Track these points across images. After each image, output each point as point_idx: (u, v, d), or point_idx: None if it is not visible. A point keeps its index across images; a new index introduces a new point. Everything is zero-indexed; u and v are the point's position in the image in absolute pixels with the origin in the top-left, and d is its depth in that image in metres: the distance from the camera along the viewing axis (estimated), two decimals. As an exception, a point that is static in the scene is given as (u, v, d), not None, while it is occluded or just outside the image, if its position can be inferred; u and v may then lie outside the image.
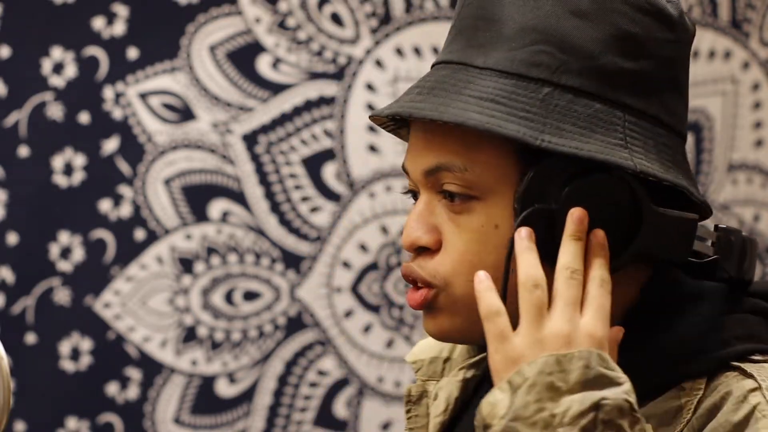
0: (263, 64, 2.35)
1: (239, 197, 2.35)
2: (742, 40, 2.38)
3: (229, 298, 2.36)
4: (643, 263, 0.99)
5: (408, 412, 1.14)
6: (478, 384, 1.11)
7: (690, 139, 2.39)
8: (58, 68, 2.32)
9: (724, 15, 2.37)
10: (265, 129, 2.35)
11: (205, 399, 2.35)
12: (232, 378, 2.35)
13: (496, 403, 0.89)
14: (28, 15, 2.31)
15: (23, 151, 2.32)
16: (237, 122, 2.35)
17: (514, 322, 0.93)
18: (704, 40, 2.37)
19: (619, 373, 0.90)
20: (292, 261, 2.35)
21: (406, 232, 1.01)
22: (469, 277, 0.97)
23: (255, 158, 2.35)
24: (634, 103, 0.97)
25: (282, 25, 2.35)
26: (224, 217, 2.35)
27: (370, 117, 1.06)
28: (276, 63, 2.35)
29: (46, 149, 2.32)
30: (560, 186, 0.95)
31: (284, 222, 2.36)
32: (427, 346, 1.16)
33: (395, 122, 1.08)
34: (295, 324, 2.36)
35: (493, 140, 0.97)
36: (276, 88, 2.35)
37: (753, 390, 0.94)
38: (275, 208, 2.36)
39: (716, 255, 1.00)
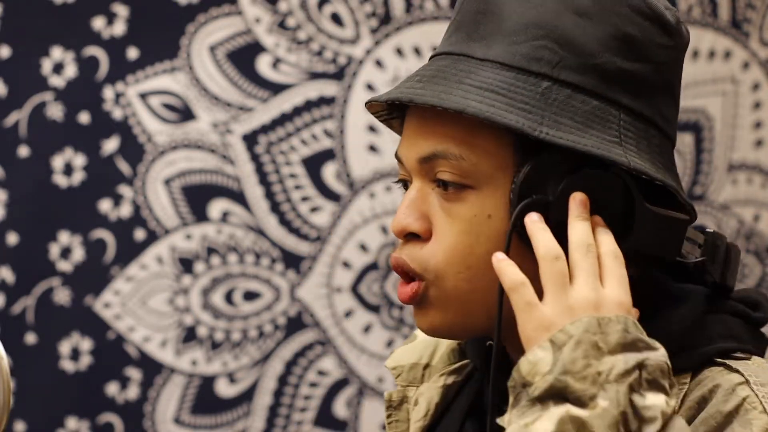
0: (263, 64, 2.35)
1: (239, 197, 2.35)
2: (742, 40, 2.38)
3: (229, 298, 2.36)
4: (630, 264, 0.99)
5: (389, 417, 1.16)
6: (459, 390, 1.12)
7: (690, 139, 2.39)
8: (58, 68, 2.32)
9: (724, 15, 2.37)
10: (265, 129, 2.35)
11: (205, 399, 2.35)
12: (232, 378, 2.35)
13: (537, 362, 0.90)
14: (28, 15, 2.31)
15: (23, 151, 2.32)
16: (237, 122, 2.35)
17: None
18: (704, 40, 2.37)
19: (653, 340, 0.92)
20: (292, 261, 2.35)
21: (396, 219, 1.02)
22: (460, 269, 0.99)
23: (255, 158, 2.35)
24: (629, 104, 0.99)
25: (282, 25, 2.35)
26: (224, 217, 2.35)
27: (367, 103, 1.07)
28: (276, 63, 2.35)
29: (46, 149, 2.32)
30: (557, 178, 0.97)
31: (284, 222, 2.36)
32: (406, 352, 1.17)
33: (389, 111, 1.08)
34: (295, 324, 2.36)
35: (491, 130, 0.98)
36: (276, 88, 2.35)
37: (740, 384, 0.96)
38: (275, 208, 2.36)
39: (703, 257, 1.02)
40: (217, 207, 2.35)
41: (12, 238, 2.31)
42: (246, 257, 2.35)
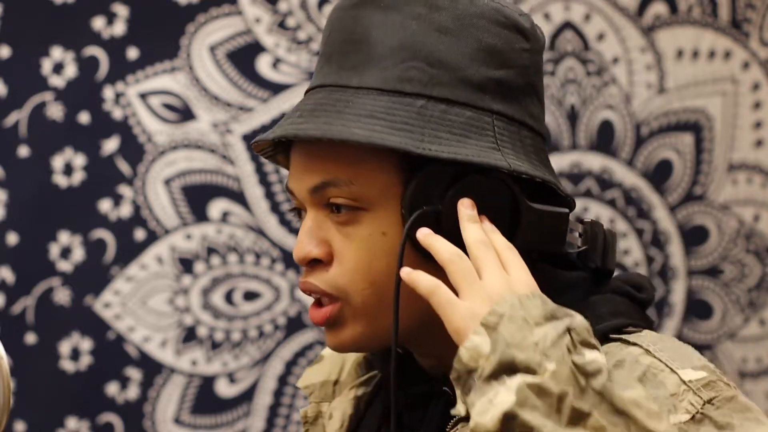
0: (263, 64, 2.35)
1: (239, 197, 2.35)
2: (742, 40, 2.38)
3: (229, 298, 2.36)
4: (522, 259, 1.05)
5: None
6: (369, 400, 1.20)
7: (690, 139, 2.39)
8: (58, 68, 2.32)
9: (724, 15, 2.37)
10: (265, 129, 2.35)
11: (205, 399, 2.35)
12: (232, 378, 2.36)
13: (475, 347, 0.95)
14: (28, 15, 2.31)
15: (23, 151, 2.32)
16: (237, 122, 2.35)
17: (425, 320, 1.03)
18: (704, 40, 2.37)
19: (566, 308, 0.98)
20: (292, 261, 2.35)
21: (297, 247, 1.07)
22: (364, 284, 1.05)
23: (255, 158, 2.35)
24: (501, 109, 1.06)
25: (282, 25, 2.35)
26: (224, 217, 2.35)
27: (252, 144, 1.12)
28: (276, 63, 2.35)
29: (46, 149, 2.32)
30: (443, 189, 1.03)
31: (284, 222, 2.36)
32: (316, 372, 1.25)
33: (274, 147, 1.14)
34: (295, 324, 2.36)
35: (375, 153, 1.04)
36: (276, 88, 2.35)
37: (641, 354, 1.03)
38: (275, 208, 2.36)
39: (585, 246, 1.09)
40: (217, 207, 2.35)
41: (12, 238, 2.31)
42: (246, 257, 2.36)
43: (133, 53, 2.33)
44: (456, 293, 0.99)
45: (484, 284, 0.98)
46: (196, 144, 2.35)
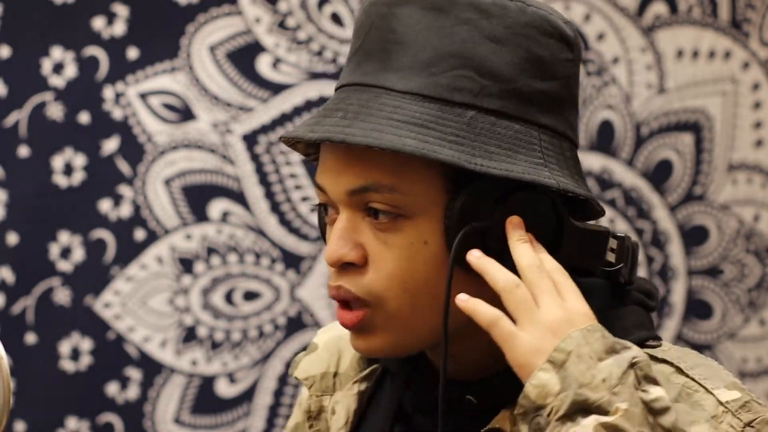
0: (263, 64, 2.35)
1: (239, 197, 2.35)
2: (742, 40, 2.38)
3: (229, 298, 2.36)
4: None
5: (311, 427, 1.20)
6: (371, 395, 1.17)
7: (690, 139, 2.39)
8: (58, 68, 2.32)
9: (724, 15, 2.37)
10: (265, 129, 2.35)
11: (205, 399, 2.35)
12: (232, 378, 2.35)
13: (544, 384, 0.94)
14: (28, 15, 2.31)
15: (23, 151, 2.32)
16: (237, 122, 2.35)
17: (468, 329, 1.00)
18: (704, 40, 2.37)
19: (621, 339, 0.97)
20: (292, 261, 2.35)
21: (330, 249, 1.03)
22: (400, 292, 1.02)
23: (255, 158, 2.35)
24: (546, 122, 1.03)
25: (282, 25, 2.35)
26: (224, 217, 2.35)
27: (291, 142, 1.08)
28: (276, 63, 2.35)
29: (46, 149, 2.32)
30: (491, 205, 1.01)
31: (284, 222, 2.36)
32: (313, 363, 1.22)
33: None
34: (295, 324, 2.36)
35: (421, 162, 1.00)
36: (276, 88, 2.35)
37: (673, 373, 1.02)
38: (275, 208, 2.36)
39: (620, 264, 1.07)
40: (217, 207, 2.35)
41: (12, 238, 2.31)
42: (246, 257, 2.35)
43: (133, 53, 2.33)
44: (512, 319, 0.97)
45: (542, 316, 0.97)
46: (196, 144, 2.35)
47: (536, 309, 0.97)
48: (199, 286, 2.35)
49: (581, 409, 0.93)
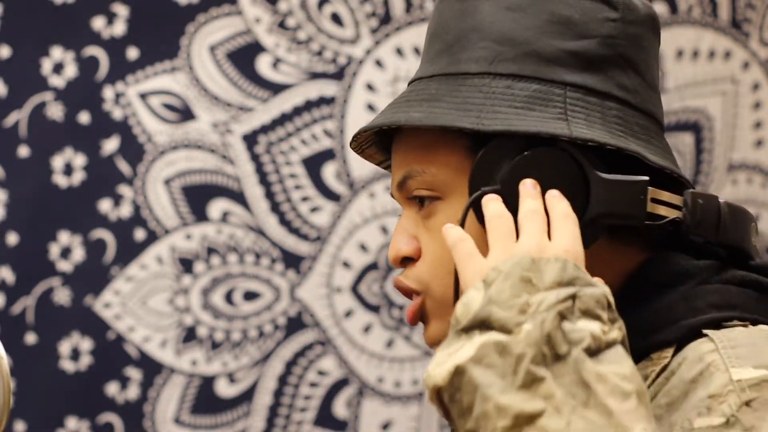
0: (263, 64, 2.35)
1: (239, 197, 2.35)
2: (742, 40, 2.38)
3: (229, 298, 2.36)
4: (598, 233, 1.00)
5: None
6: None
7: (690, 139, 2.39)
8: (58, 68, 2.32)
9: (724, 15, 2.37)
10: (265, 129, 2.35)
11: (205, 399, 2.35)
12: (232, 378, 2.35)
13: (469, 302, 0.91)
14: (28, 15, 2.31)
15: (23, 151, 2.32)
16: (237, 122, 2.35)
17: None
18: (704, 40, 2.37)
19: (594, 278, 0.92)
20: (292, 261, 2.35)
21: (390, 249, 1.06)
22: (446, 275, 1.02)
23: (255, 158, 2.35)
24: (576, 80, 1.02)
25: (282, 25, 2.35)
26: (224, 217, 2.35)
27: (360, 149, 1.13)
28: (276, 63, 2.35)
29: (46, 149, 2.32)
30: (507, 164, 0.99)
31: (284, 222, 2.36)
32: None
33: (387, 158, 1.15)
34: (295, 324, 2.36)
35: (444, 139, 1.02)
36: (276, 88, 2.35)
37: (710, 351, 0.95)
38: (275, 208, 2.36)
39: (682, 218, 1.00)
40: (217, 207, 2.35)
41: (12, 238, 2.31)
42: (246, 257, 2.35)
43: (133, 53, 2.33)
44: None
45: (515, 247, 0.94)
46: (196, 144, 2.35)
47: (512, 241, 0.95)
48: (199, 286, 2.35)
49: (482, 324, 0.89)
